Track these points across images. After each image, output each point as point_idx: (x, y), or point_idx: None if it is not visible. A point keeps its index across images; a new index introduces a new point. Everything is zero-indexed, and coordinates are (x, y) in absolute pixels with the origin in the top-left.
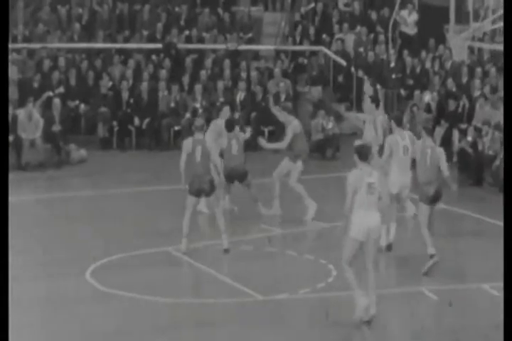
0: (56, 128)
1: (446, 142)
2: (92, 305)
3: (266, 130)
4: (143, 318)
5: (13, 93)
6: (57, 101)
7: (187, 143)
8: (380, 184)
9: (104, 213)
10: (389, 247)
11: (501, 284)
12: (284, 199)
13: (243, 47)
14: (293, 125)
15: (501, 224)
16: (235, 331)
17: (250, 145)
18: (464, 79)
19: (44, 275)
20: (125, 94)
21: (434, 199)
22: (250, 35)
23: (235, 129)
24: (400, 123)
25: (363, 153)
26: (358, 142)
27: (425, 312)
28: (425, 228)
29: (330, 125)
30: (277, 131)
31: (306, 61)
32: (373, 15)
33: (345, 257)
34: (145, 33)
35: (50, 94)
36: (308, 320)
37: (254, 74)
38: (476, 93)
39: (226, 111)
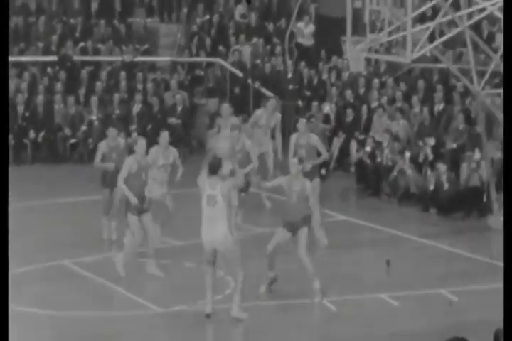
0: None
1: (343, 153)
2: None
3: None
4: (43, 333)
5: None
6: None
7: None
8: (224, 195)
9: None
10: None
11: (399, 294)
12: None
13: (139, 58)
14: None
15: (399, 233)
16: None
17: None
18: (362, 90)
19: None
20: (20, 108)
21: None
22: (146, 46)
23: None
24: None
25: (212, 167)
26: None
27: (323, 323)
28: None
29: None
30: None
31: (202, 73)
32: (270, 27)
33: (204, 259)
34: (40, 45)
35: None
36: (207, 331)
37: (150, 85)
38: (374, 104)
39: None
